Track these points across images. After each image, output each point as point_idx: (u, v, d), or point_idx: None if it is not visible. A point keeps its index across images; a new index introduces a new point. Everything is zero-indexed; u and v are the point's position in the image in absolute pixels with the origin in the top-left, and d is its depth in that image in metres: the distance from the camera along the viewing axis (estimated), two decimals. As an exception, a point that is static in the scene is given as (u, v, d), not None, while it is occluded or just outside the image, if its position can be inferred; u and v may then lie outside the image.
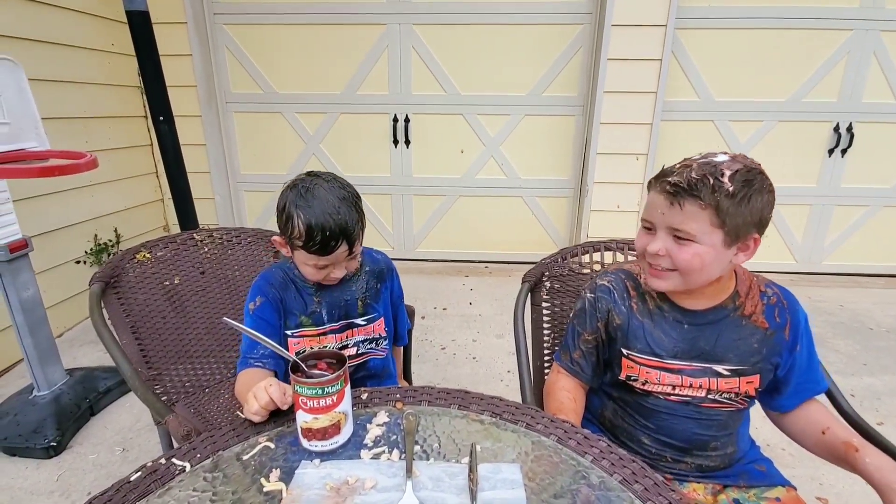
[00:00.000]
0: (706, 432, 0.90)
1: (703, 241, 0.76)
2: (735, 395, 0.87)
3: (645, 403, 0.91)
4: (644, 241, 0.83)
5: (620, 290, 0.92)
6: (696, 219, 0.75)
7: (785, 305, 0.88)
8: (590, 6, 2.85)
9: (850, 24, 2.82)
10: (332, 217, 0.87)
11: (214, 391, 1.29)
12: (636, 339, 0.88)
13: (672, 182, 0.76)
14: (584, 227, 3.11)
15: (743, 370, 0.85)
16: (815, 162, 3.06)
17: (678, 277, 0.81)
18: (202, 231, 1.35)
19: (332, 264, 0.93)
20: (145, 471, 0.65)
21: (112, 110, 2.75)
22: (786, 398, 0.91)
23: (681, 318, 0.87)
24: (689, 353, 0.86)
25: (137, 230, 2.96)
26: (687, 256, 0.77)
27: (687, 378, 0.86)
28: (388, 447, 0.69)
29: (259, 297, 0.99)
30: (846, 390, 2.08)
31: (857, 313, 2.76)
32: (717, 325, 0.86)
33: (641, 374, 0.89)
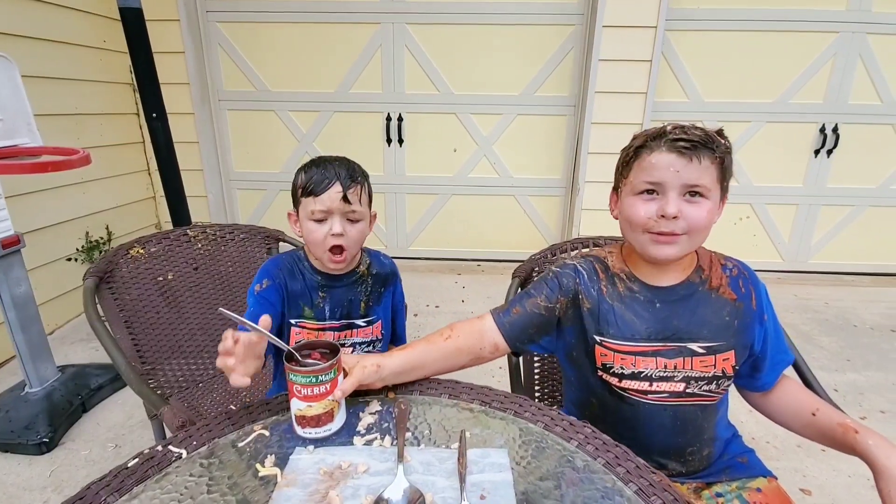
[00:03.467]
0: (681, 438, 0.89)
1: (711, 197, 0.77)
2: (712, 379, 0.85)
3: (623, 408, 0.88)
4: (649, 207, 0.79)
5: (589, 272, 0.89)
6: (709, 173, 0.76)
7: (746, 276, 0.88)
8: (581, 7, 2.89)
9: (837, 26, 2.87)
10: (329, 162, 0.96)
11: (208, 386, 1.30)
12: (608, 324, 0.86)
13: (686, 138, 0.75)
14: (576, 225, 3.15)
15: (718, 346, 0.84)
16: (802, 162, 3.11)
17: (686, 240, 0.79)
18: (196, 227, 1.36)
19: (328, 214, 0.94)
20: (142, 457, 0.66)
21: (104, 107, 2.74)
22: (765, 375, 0.90)
23: (652, 298, 0.86)
24: (662, 332, 0.84)
25: (129, 228, 2.95)
26: (703, 213, 0.77)
27: (662, 360, 0.84)
28: (380, 434, 0.71)
29: (266, 279, 0.99)
30: (830, 386, 2.13)
31: (843, 311, 2.81)
32: (689, 300, 0.85)
33: (616, 361, 0.85)
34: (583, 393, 0.95)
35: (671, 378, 0.85)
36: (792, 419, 0.91)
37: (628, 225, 0.84)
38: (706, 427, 0.90)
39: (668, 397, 0.85)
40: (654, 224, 0.79)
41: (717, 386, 0.86)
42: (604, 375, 0.88)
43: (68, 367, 1.99)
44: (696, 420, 0.88)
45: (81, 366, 2.02)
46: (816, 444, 0.89)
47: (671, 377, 0.85)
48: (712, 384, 0.86)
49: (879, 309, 2.84)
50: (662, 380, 0.85)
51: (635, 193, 0.81)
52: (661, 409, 0.86)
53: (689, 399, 0.86)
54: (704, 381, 0.85)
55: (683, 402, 0.86)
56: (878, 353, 2.38)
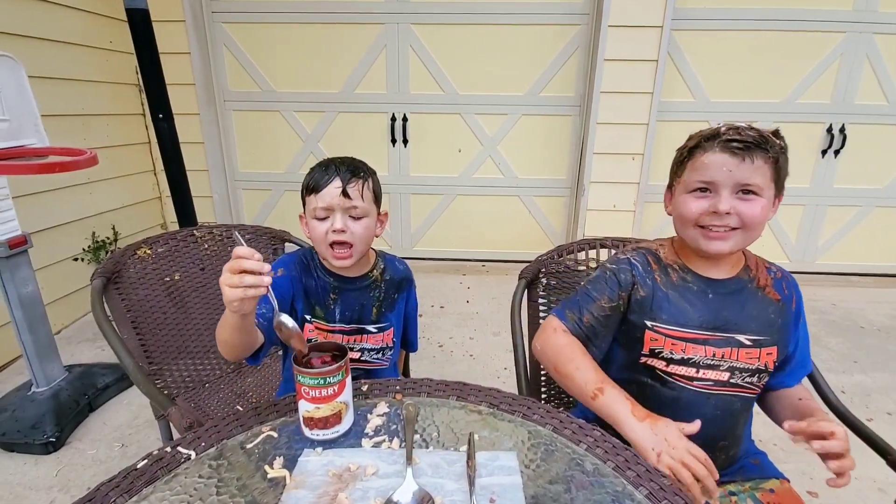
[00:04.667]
0: (717, 429, 0.90)
1: (765, 196, 0.80)
2: (755, 372, 0.89)
3: (664, 393, 0.90)
4: (700, 204, 0.83)
5: (644, 264, 0.93)
6: (762, 172, 0.79)
7: (789, 280, 0.93)
8: (587, 7, 2.88)
9: (844, 26, 2.85)
10: (331, 162, 0.95)
11: (214, 386, 1.31)
12: (661, 310, 0.89)
13: (739, 139, 0.79)
14: (581, 226, 3.14)
15: (763, 340, 0.88)
16: (809, 162, 3.09)
17: (740, 236, 0.83)
18: (202, 227, 1.37)
19: (329, 210, 0.92)
20: (151, 458, 0.66)
21: (110, 108, 2.75)
22: (787, 376, 0.95)
23: (705, 288, 0.89)
24: (713, 322, 0.88)
25: (135, 228, 2.96)
26: (757, 211, 0.80)
27: (711, 349, 0.87)
28: (388, 436, 0.71)
29: (282, 269, 0.98)
30: (837, 387, 2.11)
31: (850, 312, 2.80)
32: (739, 294, 0.89)
33: (667, 346, 0.88)
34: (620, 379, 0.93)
35: (717, 367, 0.89)
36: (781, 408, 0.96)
37: (680, 221, 0.89)
38: (740, 422, 0.94)
39: (713, 385, 0.89)
40: (707, 219, 0.83)
41: (758, 379, 0.90)
42: (650, 360, 0.91)
43: (75, 366, 1.99)
44: (734, 412, 0.91)
45: (88, 365, 2.03)
46: None
47: (717, 366, 0.89)
48: (754, 377, 0.90)
49: (887, 310, 2.82)
50: (709, 368, 0.89)
51: (688, 191, 0.85)
52: (703, 398, 0.89)
53: (731, 389, 0.90)
54: (748, 372, 0.89)
55: (726, 391, 0.90)
56: (886, 355, 2.36)
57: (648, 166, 2.97)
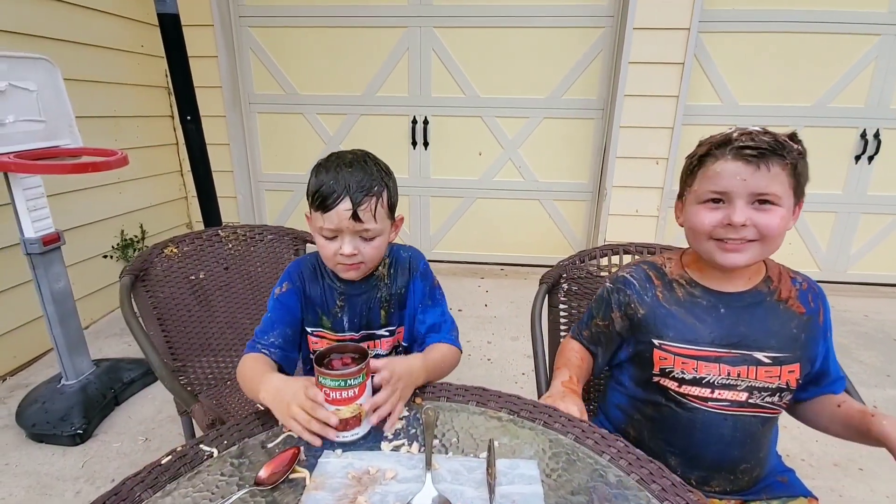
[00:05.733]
0: (738, 451, 0.86)
1: (783, 204, 0.75)
2: (775, 391, 0.83)
3: (679, 415, 0.86)
4: (714, 216, 0.78)
5: (642, 281, 0.90)
6: (780, 180, 0.74)
7: (816, 291, 0.87)
8: (611, 9, 2.84)
9: (878, 28, 2.76)
10: (342, 171, 0.83)
11: (236, 384, 1.32)
12: (666, 326, 0.85)
13: (752, 146, 0.74)
14: (602, 231, 3.09)
15: (784, 358, 0.82)
16: (841, 169, 2.99)
17: (758, 248, 0.77)
18: (227, 228, 1.39)
19: (338, 231, 0.84)
20: (175, 455, 0.67)
21: (140, 110, 2.83)
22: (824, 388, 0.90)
23: (716, 303, 0.84)
24: (727, 338, 0.82)
25: (162, 227, 3.04)
26: (776, 221, 0.75)
27: (726, 367, 0.82)
28: (407, 440, 0.71)
29: (287, 282, 0.96)
30: (869, 402, 2.02)
31: (883, 324, 2.69)
32: (757, 308, 0.83)
33: (677, 365, 0.84)
34: (635, 398, 0.94)
35: (734, 386, 0.84)
36: (820, 414, 0.91)
37: (693, 233, 0.84)
38: (764, 443, 0.89)
39: (730, 406, 0.84)
40: (721, 231, 0.79)
41: (780, 398, 0.85)
42: (662, 380, 0.87)
43: (103, 360, 2.05)
44: (755, 434, 0.87)
45: (115, 360, 2.08)
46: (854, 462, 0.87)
47: (734, 385, 0.84)
48: (775, 396, 0.85)
49: (924, 323, 2.71)
50: (725, 387, 0.84)
51: (700, 202, 0.81)
52: (720, 419, 0.85)
53: (750, 409, 0.85)
54: (768, 392, 0.84)
55: (745, 412, 0.85)
56: (923, 370, 2.27)
57: (673, 171, 2.92)
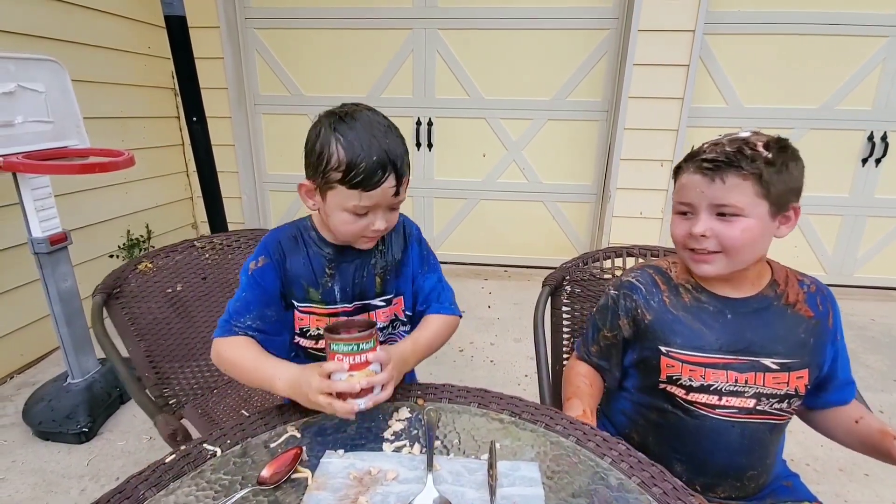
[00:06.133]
0: (745, 459, 0.86)
1: (751, 214, 0.75)
2: (784, 397, 0.83)
3: (686, 422, 0.86)
4: (683, 226, 0.81)
5: (648, 286, 0.89)
6: (740, 190, 0.74)
7: (825, 294, 0.86)
8: (616, 11, 2.84)
9: (886, 30, 2.74)
10: (379, 141, 0.74)
11: (222, 392, 1.33)
12: (674, 333, 0.84)
13: (708, 158, 0.76)
14: (606, 233, 3.09)
15: (792, 363, 0.81)
16: (848, 171, 2.97)
17: (724, 259, 0.79)
18: (202, 238, 1.40)
19: (374, 207, 0.78)
20: (179, 453, 0.68)
21: (147, 111, 2.85)
22: (831, 394, 0.88)
23: (722, 309, 0.83)
24: (734, 345, 0.82)
25: (167, 227, 3.06)
26: (736, 233, 0.76)
27: (733, 374, 0.82)
28: (409, 441, 0.71)
29: (263, 256, 0.85)
30: (875, 407, 2.02)
31: (890, 328, 2.67)
32: (764, 313, 0.83)
33: (685, 373, 0.83)
34: (640, 404, 0.94)
35: (742, 393, 0.83)
36: (835, 428, 0.90)
37: (673, 242, 0.86)
38: (771, 450, 0.88)
39: (738, 413, 0.84)
40: (690, 242, 0.81)
41: (789, 404, 0.85)
42: (669, 387, 0.86)
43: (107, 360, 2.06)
44: (763, 440, 0.86)
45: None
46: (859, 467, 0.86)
47: (742, 392, 0.83)
48: (783, 402, 0.84)
49: (931, 327, 2.68)
50: (732, 394, 0.83)
51: (675, 212, 0.84)
52: (728, 426, 0.84)
53: (758, 416, 0.84)
54: (776, 398, 0.83)
55: (752, 419, 0.84)
56: (930, 375, 2.25)
57: (677, 173, 2.91)
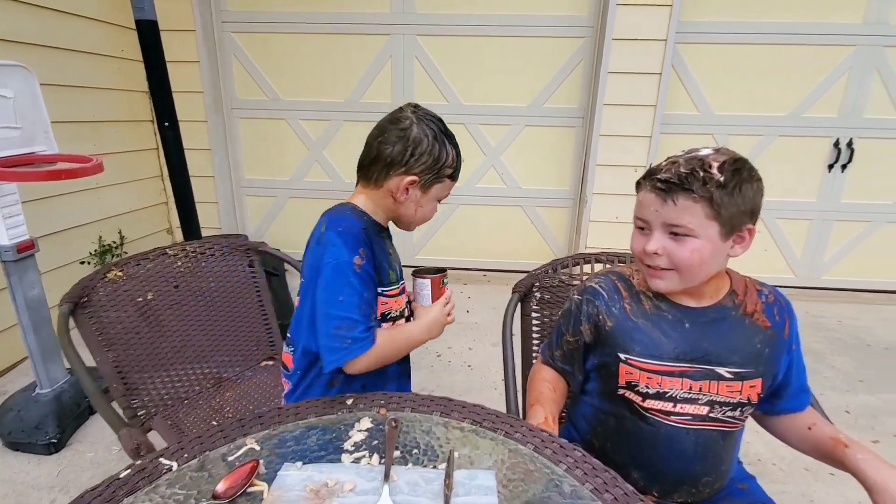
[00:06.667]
0: (699, 465, 0.87)
1: (701, 235, 0.77)
2: (736, 406, 0.85)
3: (642, 429, 0.88)
4: (640, 241, 0.83)
5: (611, 292, 0.90)
6: (691, 212, 0.76)
7: (782, 304, 0.88)
8: (591, 20, 2.89)
9: (854, 39, 2.84)
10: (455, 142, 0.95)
11: (193, 403, 1.32)
12: (633, 341, 0.86)
13: (662, 178, 0.77)
14: (583, 237, 3.13)
15: (746, 373, 0.83)
16: (816, 177, 3.07)
17: (676, 276, 0.81)
18: (175, 245, 1.39)
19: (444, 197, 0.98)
20: (134, 468, 0.67)
21: (120, 114, 2.81)
22: (786, 402, 0.90)
23: (681, 318, 0.85)
24: (691, 354, 0.84)
25: (141, 232, 3.01)
26: (686, 254, 0.78)
27: (688, 381, 0.83)
28: (368, 452, 0.72)
29: (363, 249, 0.85)
30: (842, 407, 2.08)
31: (856, 329, 2.75)
32: (721, 323, 0.84)
33: (642, 380, 0.85)
34: (600, 409, 0.95)
35: (695, 400, 0.85)
36: (789, 434, 0.93)
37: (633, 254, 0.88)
38: (725, 457, 0.90)
39: (691, 420, 0.85)
40: (645, 258, 0.83)
41: (741, 412, 0.86)
42: (627, 393, 0.88)
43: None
44: (716, 447, 0.87)
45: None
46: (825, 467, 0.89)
47: (695, 399, 0.84)
48: (736, 410, 0.85)
49: (894, 328, 2.77)
50: (686, 401, 0.85)
51: (635, 226, 0.85)
52: (682, 433, 0.86)
53: (711, 424, 0.86)
54: (729, 406, 0.85)
55: (706, 426, 0.86)
56: (894, 375, 2.32)
57: (652, 178, 2.96)
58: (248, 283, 1.53)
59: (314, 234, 0.90)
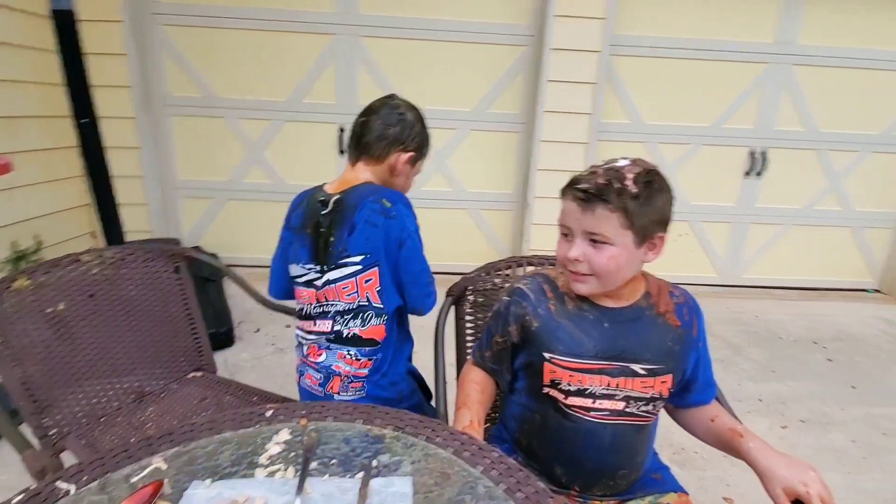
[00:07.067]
0: (616, 458, 0.92)
1: (617, 243, 0.82)
2: (650, 400, 0.90)
3: (565, 425, 0.92)
4: (564, 248, 0.87)
5: (537, 293, 0.94)
6: (608, 222, 0.81)
7: (691, 305, 0.94)
8: (531, 30, 2.98)
9: (766, 57, 3.09)
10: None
11: (111, 420, 1.25)
12: (557, 340, 0.90)
13: (582, 189, 0.82)
14: (527, 240, 3.22)
15: (658, 369, 0.89)
16: (735, 183, 3.32)
17: (596, 281, 0.85)
18: (91, 251, 1.30)
19: None
20: (28, 494, 0.63)
21: (37, 110, 2.58)
22: (694, 395, 0.97)
23: (601, 317, 0.90)
24: (609, 351, 0.88)
25: (62, 236, 2.79)
26: (603, 260, 0.83)
27: (606, 378, 0.88)
28: (284, 464, 0.70)
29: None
30: (755, 396, 2.26)
31: (769, 323, 3.00)
32: (636, 323, 0.89)
33: (565, 378, 0.89)
34: (527, 407, 0.98)
35: (613, 396, 0.89)
36: (695, 425, 1.00)
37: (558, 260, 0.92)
38: (640, 450, 0.95)
39: (609, 415, 0.90)
40: (568, 263, 0.87)
41: (653, 407, 0.91)
42: (551, 392, 0.92)
43: (-19, 387, 1.84)
44: (631, 441, 0.93)
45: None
46: None
47: (613, 395, 0.89)
48: (649, 405, 0.91)
49: (803, 322, 3.04)
50: (605, 397, 0.89)
51: (560, 233, 0.89)
52: (601, 428, 0.90)
53: (627, 418, 0.90)
54: (643, 401, 0.90)
55: (622, 420, 0.90)
56: (801, 365, 2.55)
57: (590, 183, 3.09)
58: (173, 291, 1.45)
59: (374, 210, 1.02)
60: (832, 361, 2.59)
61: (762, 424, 2.05)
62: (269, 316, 1.45)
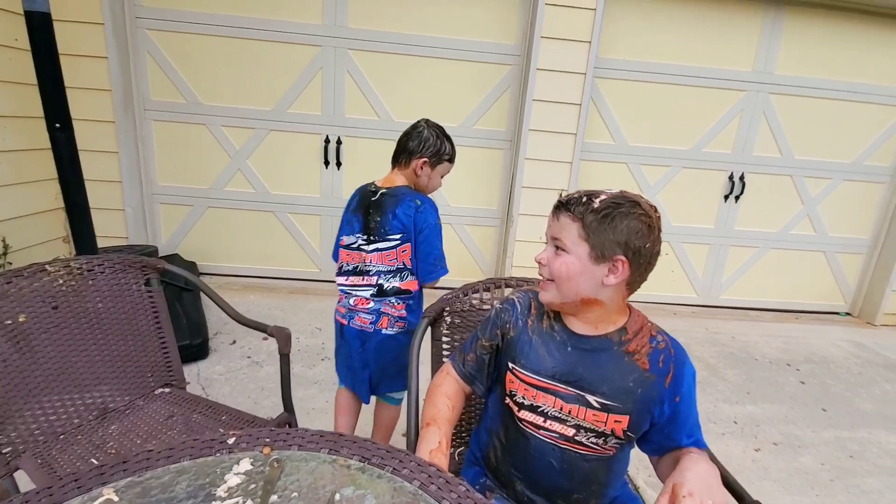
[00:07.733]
0: (566, 482, 0.91)
1: (572, 252, 0.84)
2: (601, 434, 0.87)
3: (519, 440, 0.93)
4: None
5: (523, 307, 0.97)
6: (568, 230, 0.84)
7: (672, 354, 0.88)
8: (518, 49, 3.02)
9: (744, 85, 3.18)
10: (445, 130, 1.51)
11: (70, 438, 1.19)
12: (523, 354, 0.92)
13: (559, 199, 0.88)
14: (510, 255, 3.22)
15: (613, 406, 0.85)
16: (714, 206, 3.38)
17: (554, 288, 0.87)
18: (56, 261, 1.25)
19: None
20: (-38, 531, 0.59)
21: (11, 110, 2.53)
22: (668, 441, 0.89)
23: (566, 341, 0.90)
24: (566, 375, 0.88)
25: (32, 240, 2.71)
26: (556, 265, 0.86)
27: (560, 401, 0.87)
28: (243, 497, 0.68)
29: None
30: (730, 418, 2.28)
31: (746, 345, 3.04)
32: (599, 354, 0.87)
33: (520, 390, 0.91)
34: (496, 418, 1.00)
35: (564, 421, 0.89)
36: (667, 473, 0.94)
37: None
38: (593, 479, 0.92)
39: (558, 438, 0.90)
40: (538, 269, 0.91)
41: (605, 442, 0.88)
42: (509, 401, 0.93)
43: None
44: (583, 469, 0.91)
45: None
46: None
47: (564, 420, 0.88)
48: (600, 439, 0.88)
49: (778, 343, 3.10)
50: (556, 420, 0.89)
51: None
52: (550, 448, 0.90)
53: (576, 446, 0.89)
54: (594, 433, 0.88)
55: (570, 447, 0.89)
56: (774, 386, 2.58)
57: (573, 202, 3.12)
58: (142, 304, 1.41)
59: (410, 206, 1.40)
60: (804, 384, 2.64)
61: (737, 448, 2.06)
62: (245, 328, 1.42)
